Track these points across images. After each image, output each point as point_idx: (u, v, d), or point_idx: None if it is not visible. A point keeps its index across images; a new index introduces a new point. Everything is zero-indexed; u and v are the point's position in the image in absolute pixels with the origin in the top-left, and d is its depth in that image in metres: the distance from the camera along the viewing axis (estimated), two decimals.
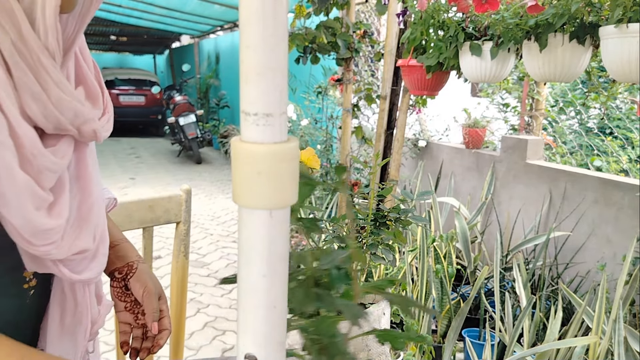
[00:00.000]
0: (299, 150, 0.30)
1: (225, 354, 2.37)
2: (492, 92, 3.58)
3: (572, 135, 3.70)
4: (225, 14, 6.79)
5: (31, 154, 0.54)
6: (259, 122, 0.28)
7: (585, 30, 1.43)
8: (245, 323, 0.32)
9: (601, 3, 1.39)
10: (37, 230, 0.57)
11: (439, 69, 1.94)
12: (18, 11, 0.49)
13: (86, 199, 0.66)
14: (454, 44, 1.77)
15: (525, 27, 1.53)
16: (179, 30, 9.36)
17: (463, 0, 1.59)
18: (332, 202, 3.34)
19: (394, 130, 2.47)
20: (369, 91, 2.92)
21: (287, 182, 0.29)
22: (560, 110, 3.95)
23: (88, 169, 0.67)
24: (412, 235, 2.69)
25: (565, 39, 1.46)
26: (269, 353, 0.32)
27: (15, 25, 0.49)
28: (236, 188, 0.30)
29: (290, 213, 0.31)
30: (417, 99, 2.56)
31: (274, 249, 0.31)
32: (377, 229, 0.69)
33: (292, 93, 4.42)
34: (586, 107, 3.78)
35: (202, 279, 3.28)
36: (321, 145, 3.92)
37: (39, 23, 0.51)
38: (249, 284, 0.31)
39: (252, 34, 0.27)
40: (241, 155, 0.29)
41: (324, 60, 2.68)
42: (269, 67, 0.28)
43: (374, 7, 3.34)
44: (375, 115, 3.63)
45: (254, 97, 0.28)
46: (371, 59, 3.72)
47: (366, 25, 2.69)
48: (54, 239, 0.60)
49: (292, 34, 2.48)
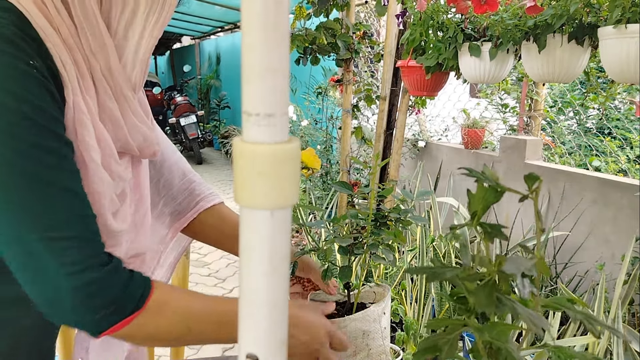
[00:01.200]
0: (300, 151, 0.30)
1: (226, 354, 2.37)
2: (491, 93, 3.59)
3: (570, 135, 3.70)
4: (226, 15, 6.79)
5: (110, 160, 0.60)
6: (261, 122, 0.29)
7: (584, 31, 1.44)
8: (247, 322, 0.32)
9: (600, 4, 1.40)
10: (109, 231, 0.61)
11: (438, 70, 1.94)
12: (109, 45, 0.56)
13: (140, 207, 0.72)
14: (453, 44, 1.77)
15: (524, 28, 1.53)
16: (179, 31, 9.35)
17: (462, 1, 1.59)
18: (332, 202, 3.35)
19: (394, 131, 2.47)
20: (368, 92, 2.92)
21: (289, 182, 0.30)
22: (559, 111, 3.95)
23: (143, 181, 0.72)
24: (412, 235, 2.70)
25: (564, 39, 1.47)
26: (270, 352, 0.32)
27: (105, 56, 0.56)
28: (237, 188, 0.30)
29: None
30: (416, 99, 2.56)
31: (276, 248, 0.31)
32: (377, 229, 0.71)
33: (292, 94, 4.42)
34: (585, 108, 3.78)
35: (203, 279, 3.28)
36: (321, 146, 3.92)
37: (127, 57, 0.58)
38: (250, 283, 0.31)
39: (253, 34, 0.28)
40: (243, 155, 0.29)
41: (324, 61, 2.68)
42: (271, 67, 0.28)
43: (373, 8, 3.34)
44: (375, 116, 3.64)
45: (256, 97, 0.28)
46: (371, 59, 3.72)
47: (366, 26, 2.69)
48: (120, 242, 0.64)
49: (292, 35, 2.49)
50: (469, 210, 0.40)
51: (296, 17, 2.57)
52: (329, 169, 3.79)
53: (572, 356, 0.40)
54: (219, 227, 0.88)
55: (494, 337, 0.38)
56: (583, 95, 3.45)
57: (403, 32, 2.12)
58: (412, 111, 2.78)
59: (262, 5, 0.27)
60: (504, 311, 0.38)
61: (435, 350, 0.40)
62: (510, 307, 0.38)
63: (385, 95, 2.51)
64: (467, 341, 2.01)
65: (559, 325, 1.74)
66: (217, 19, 7.39)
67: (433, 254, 2.16)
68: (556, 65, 1.50)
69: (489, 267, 0.39)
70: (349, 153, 2.94)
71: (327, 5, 2.47)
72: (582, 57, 1.50)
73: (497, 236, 0.41)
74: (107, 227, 0.60)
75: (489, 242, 0.41)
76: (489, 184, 0.39)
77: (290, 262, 0.32)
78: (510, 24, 1.57)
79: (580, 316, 0.41)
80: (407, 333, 1.89)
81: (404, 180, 3.55)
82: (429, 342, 0.40)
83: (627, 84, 1.63)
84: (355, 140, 3.16)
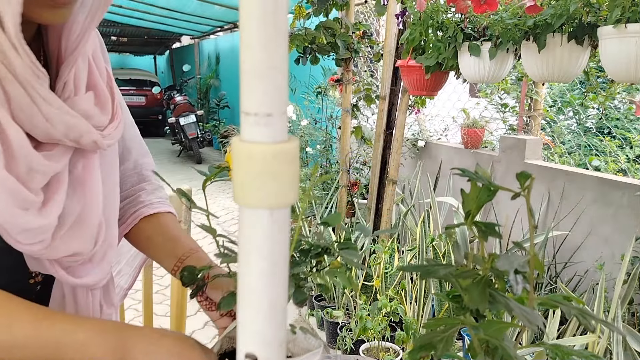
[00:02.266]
0: (299, 150, 0.30)
1: None
2: (491, 92, 3.59)
3: (570, 135, 3.70)
4: (226, 14, 6.79)
5: (20, 154, 0.56)
6: (260, 122, 0.28)
7: (584, 31, 1.44)
8: (246, 322, 0.32)
9: (600, 3, 1.40)
10: (23, 228, 0.58)
11: (437, 69, 1.94)
12: (2, 39, 0.53)
13: (89, 203, 0.67)
14: (453, 44, 1.77)
15: (523, 28, 1.53)
16: (179, 30, 9.35)
17: (462, 1, 1.59)
18: (332, 201, 3.35)
19: (393, 130, 2.47)
20: (368, 91, 2.93)
21: (288, 182, 0.30)
22: (559, 110, 3.95)
23: (94, 175, 0.67)
24: (412, 235, 2.70)
25: (563, 39, 1.47)
26: (270, 352, 0.32)
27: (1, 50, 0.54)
28: (237, 188, 0.30)
29: None
30: (416, 99, 2.56)
31: (275, 248, 0.31)
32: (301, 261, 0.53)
33: (291, 93, 4.42)
34: (584, 107, 3.78)
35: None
36: (321, 145, 3.92)
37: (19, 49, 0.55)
38: (250, 283, 0.31)
39: (252, 34, 0.28)
40: (242, 155, 0.29)
41: (323, 60, 2.68)
42: (270, 67, 0.28)
43: (373, 7, 3.34)
44: (375, 116, 3.64)
45: (255, 97, 0.28)
46: (370, 59, 3.72)
47: (365, 26, 2.69)
48: (42, 238, 0.61)
49: (291, 35, 2.48)
50: (463, 210, 0.40)
51: (296, 17, 2.57)
52: (328, 168, 3.80)
53: (570, 354, 0.40)
54: (152, 237, 0.81)
55: (490, 335, 0.38)
56: (583, 94, 3.45)
57: (403, 31, 2.12)
58: (412, 111, 2.78)
59: (260, 5, 0.27)
60: (498, 308, 0.38)
61: (430, 348, 0.40)
62: (504, 304, 0.38)
63: (385, 95, 2.51)
64: (467, 341, 2.01)
65: (558, 325, 1.74)
66: (216, 19, 7.39)
67: (432, 253, 2.16)
68: (556, 65, 1.50)
69: (482, 265, 0.39)
70: (348, 153, 2.94)
71: (327, 5, 2.47)
72: (582, 56, 1.50)
73: (492, 234, 0.41)
74: (18, 224, 0.57)
75: (484, 241, 0.41)
76: (482, 183, 0.39)
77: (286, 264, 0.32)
78: (510, 23, 1.57)
79: (574, 311, 0.41)
80: (407, 332, 1.89)
81: (403, 180, 3.55)
82: (424, 339, 0.40)
83: (627, 83, 1.63)
84: (354, 139, 3.16)
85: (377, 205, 2.59)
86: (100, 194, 0.68)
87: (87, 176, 0.67)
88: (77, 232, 0.65)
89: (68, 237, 0.64)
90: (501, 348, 0.37)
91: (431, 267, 0.41)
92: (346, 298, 2.38)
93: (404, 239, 2.90)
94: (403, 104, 2.38)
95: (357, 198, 3.49)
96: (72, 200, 0.65)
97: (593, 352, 0.41)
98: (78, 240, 0.65)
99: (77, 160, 0.66)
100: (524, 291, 0.39)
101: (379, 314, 1.98)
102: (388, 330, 2.02)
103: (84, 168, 0.66)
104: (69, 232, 0.64)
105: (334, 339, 2.26)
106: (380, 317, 1.98)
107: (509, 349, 0.37)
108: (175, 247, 0.78)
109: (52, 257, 0.64)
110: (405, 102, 2.37)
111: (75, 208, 0.65)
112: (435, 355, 0.40)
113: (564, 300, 0.42)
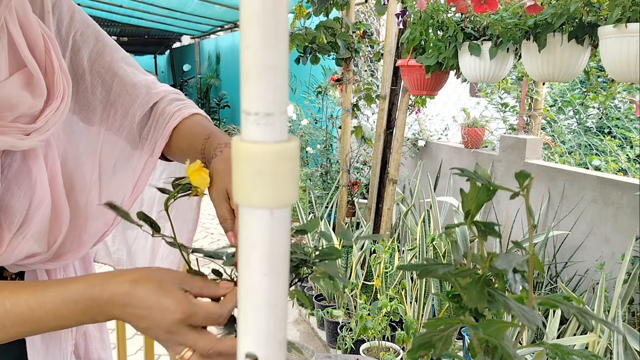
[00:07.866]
0: (299, 150, 0.30)
1: None
2: (491, 92, 3.59)
3: (570, 134, 3.70)
4: (226, 14, 6.79)
5: None
6: (260, 121, 0.28)
7: (584, 30, 1.44)
8: (246, 322, 0.32)
9: (600, 3, 1.40)
10: None
11: (438, 69, 1.94)
12: None
13: (38, 196, 0.59)
14: (453, 44, 1.77)
15: (524, 27, 1.53)
16: (179, 30, 9.36)
17: (462, 1, 1.59)
18: (332, 201, 3.35)
19: (394, 130, 2.47)
20: (368, 91, 2.93)
21: (288, 182, 0.30)
22: (559, 110, 3.95)
23: (39, 165, 0.59)
24: (412, 235, 2.70)
25: (564, 38, 1.47)
26: (270, 352, 0.32)
27: None
28: (237, 187, 0.30)
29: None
30: (416, 98, 2.56)
31: (275, 248, 0.31)
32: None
33: (292, 93, 4.42)
34: (585, 107, 3.78)
35: None
36: (321, 145, 3.92)
37: None
38: (250, 283, 0.31)
39: (252, 33, 0.28)
40: (242, 154, 0.29)
41: (323, 60, 2.68)
42: (270, 66, 0.28)
43: (373, 7, 3.34)
44: (375, 115, 3.64)
45: (255, 96, 0.28)
46: (371, 59, 3.72)
47: (366, 26, 2.69)
48: None
49: (292, 34, 2.49)
50: (463, 209, 0.40)
51: (296, 16, 2.57)
52: (329, 168, 3.80)
53: (570, 354, 0.40)
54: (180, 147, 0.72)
55: (489, 334, 0.38)
56: (583, 94, 3.45)
57: (403, 31, 2.12)
58: (412, 110, 2.78)
59: (260, 4, 0.27)
60: (497, 307, 0.38)
61: (429, 347, 0.40)
62: (502, 303, 0.38)
63: (385, 95, 2.51)
64: (467, 340, 2.01)
65: (559, 325, 1.74)
66: (216, 18, 7.39)
67: (433, 253, 2.16)
68: (556, 64, 1.50)
69: (481, 264, 0.40)
70: (348, 152, 2.94)
71: (327, 5, 2.47)
72: (582, 56, 1.50)
73: (491, 234, 0.41)
74: None
75: (484, 240, 0.41)
76: (481, 183, 0.39)
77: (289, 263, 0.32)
78: (510, 23, 1.56)
79: (573, 311, 0.41)
80: (407, 332, 1.89)
81: (403, 180, 3.55)
82: (423, 338, 0.40)
83: (627, 83, 1.63)
84: (355, 139, 3.16)
85: (377, 204, 2.59)
86: (49, 186, 0.60)
87: (32, 166, 0.58)
88: (28, 232, 0.58)
89: (18, 240, 0.57)
90: (501, 347, 0.37)
91: (430, 266, 0.41)
92: (346, 297, 2.38)
93: (404, 238, 2.90)
94: (403, 104, 2.38)
95: (358, 198, 3.49)
96: (18, 198, 0.57)
97: (593, 352, 0.41)
98: (31, 240, 0.58)
99: (13, 153, 0.57)
100: (524, 291, 0.39)
101: (379, 314, 1.98)
102: (388, 329, 2.02)
103: (24, 159, 0.58)
104: (19, 234, 0.57)
105: (334, 339, 2.26)
106: (380, 316, 1.98)
107: (508, 349, 0.37)
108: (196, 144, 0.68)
109: (7, 264, 0.58)
110: (405, 101, 2.37)
111: (22, 204, 0.58)
112: (434, 354, 0.40)
113: (564, 300, 0.42)
